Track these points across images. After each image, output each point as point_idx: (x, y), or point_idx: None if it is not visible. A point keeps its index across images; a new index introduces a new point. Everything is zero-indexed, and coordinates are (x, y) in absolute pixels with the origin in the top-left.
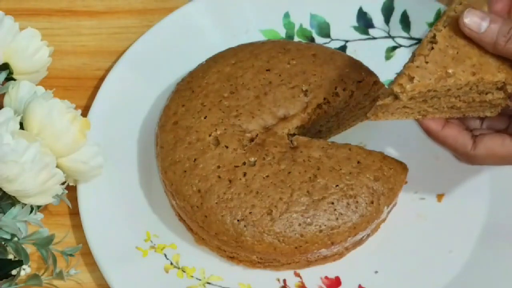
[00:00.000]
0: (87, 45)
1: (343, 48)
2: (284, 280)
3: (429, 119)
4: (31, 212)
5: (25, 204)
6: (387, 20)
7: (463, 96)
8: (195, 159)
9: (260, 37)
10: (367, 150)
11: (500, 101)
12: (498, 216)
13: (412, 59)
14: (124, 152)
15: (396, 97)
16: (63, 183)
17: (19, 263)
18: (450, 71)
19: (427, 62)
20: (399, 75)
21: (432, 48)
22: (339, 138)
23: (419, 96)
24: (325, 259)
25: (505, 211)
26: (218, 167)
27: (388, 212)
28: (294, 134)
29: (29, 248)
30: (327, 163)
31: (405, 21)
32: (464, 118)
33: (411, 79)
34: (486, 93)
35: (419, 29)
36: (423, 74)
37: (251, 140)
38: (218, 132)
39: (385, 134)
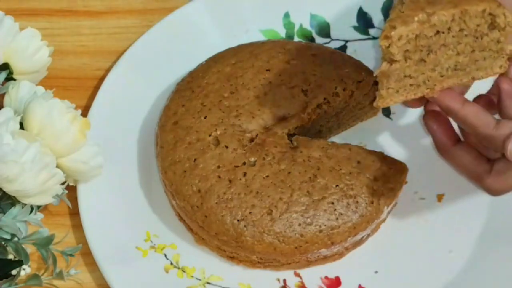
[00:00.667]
0: (87, 45)
1: (343, 48)
2: (284, 280)
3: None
4: (31, 212)
5: (25, 204)
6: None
7: (459, 45)
8: (195, 159)
9: (260, 37)
10: (367, 150)
11: (501, 45)
12: (498, 216)
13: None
14: (124, 152)
15: (391, 61)
16: (63, 183)
17: (19, 263)
18: (429, 11)
19: (402, 12)
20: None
21: (403, 2)
22: (339, 138)
23: (412, 49)
24: (325, 259)
25: (505, 211)
26: (218, 167)
27: (388, 212)
28: (294, 134)
29: (29, 248)
30: (327, 163)
31: None
32: (480, 147)
33: (393, 27)
34: (482, 37)
35: None
36: (404, 20)
37: (251, 140)
38: (218, 132)
39: (385, 134)
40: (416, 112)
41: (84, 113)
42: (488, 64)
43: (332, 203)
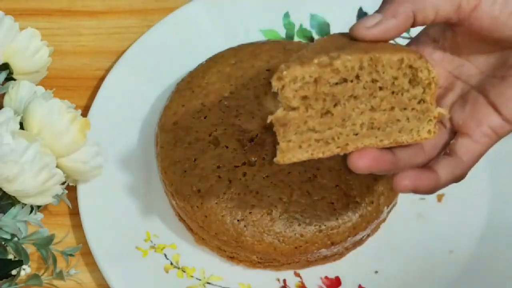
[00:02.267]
0: (87, 45)
1: None
2: (284, 280)
3: (366, 155)
4: (31, 212)
5: (25, 204)
6: None
7: (373, 99)
8: (195, 159)
9: (260, 37)
10: None
11: (426, 106)
12: (498, 216)
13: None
14: (124, 152)
15: (289, 108)
16: (63, 183)
17: (19, 263)
18: (333, 54)
19: (304, 55)
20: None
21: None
22: None
23: (312, 95)
24: (325, 259)
25: (505, 211)
26: (218, 167)
27: (388, 212)
28: None
29: (29, 248)
30: (326, 163)
31: None
32: None
33: (288, 67)
34: (402, 93)
35: (418, 29)
36: (301, 61)
37: (251, 140)
38: (218, 132)
39: None
40: None
41: (84, 113)
42: (413, 127)
43: (332, 203)
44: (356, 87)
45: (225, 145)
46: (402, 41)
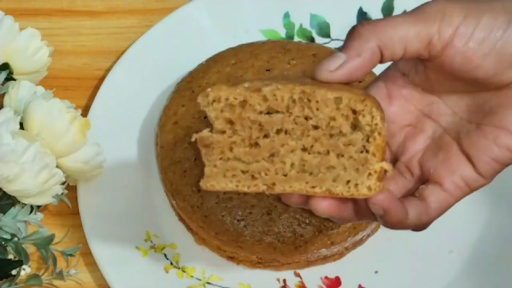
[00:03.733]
0: (87, 45)
1: None
2: (284, 280)
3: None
4: (31, 212)
5: (25, 204)
6: None
7: (304, 137)
8: (195, 159)
9: (260, 37)
10: None
11: (366, 157)
12: (498, 216)
13: None
14: (124, 152)
15: (217, 131)
16: (63, 183)
17: (19, 263)
18: (267, 82)
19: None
20: None
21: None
22: None
23: (236, 120)
24: (325, 259)
25: (505, 211)
26: None
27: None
28: None
29: (29, 248)
30: None
31: None
32: None
33: (220, 89)
34: (339, 137)
35: None
36: (232, 84)
37: None
38: None
39: None
40: None
41: (84, 113)
42: (351, 178)
43: None
44: (286, 120)
45: None
46: None
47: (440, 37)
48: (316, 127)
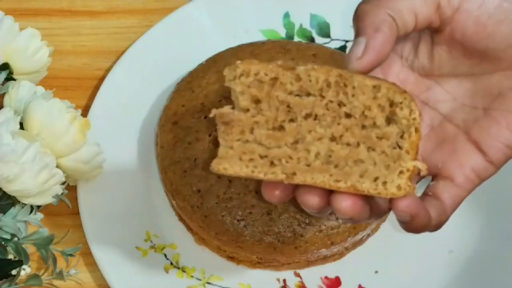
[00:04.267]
0: (87, 45)
1: (343, 48)
2: (284, 280)
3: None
4: (31, 212)
5: (25, 204)
6: None
7: (335, 125)
8: (195, 159)
9: (260, 37)
10: None
11: (399, 153)
12: (498, 216)
13: None
14: (124, 152)
15: (239, 108)
16: (63, 183)
17: (19, 263)
18: (301, 62)
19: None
20: None
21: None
22: None
23: (264, 98)
24: (325, 259)
25: (505, 211)
26: None
27: (389, 212)
28: None
29: (29, 248)
30: None
31: None
32: None
33: (251, 62)
34: (372, 128)
35: None
36: (264, 62)
37: None
38: None
39: None
40: None
41: (84, 113)
42: (380, 175)
43: None
44: (317, 104)
45: None
46: None
47: (449, 0)
48: (348, 116)
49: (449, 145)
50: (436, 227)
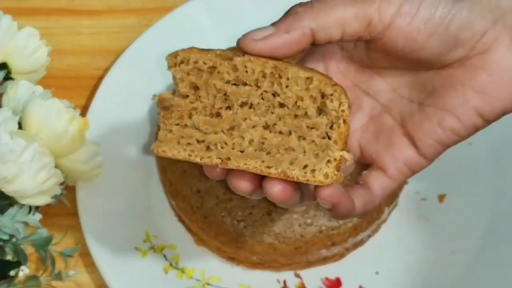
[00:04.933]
0: (86, 44)
1: None
2: (284, 281)
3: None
4: (29, 212)
5: (24, 205)
6: None
7: (268, 114)
8: None
9: None
10: None
11: (327, 143)
12: (500, 217)
13: None
14: (123, 152)
15: (178, 93)
16: (61, 184)
17: (17, 264)
18: (240, 53)
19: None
20: None
21: None
22: None
23: (202, 86)
24: (325, 259)
25: (507, 212)
26: None
27: (389, 213)
28: None
29: (28, 249)
30: None
31: None
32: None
33: (190, 51)
34: (303, 119)
35: None
36: (202, 50)
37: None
38: None
39: None
40: None
41: (83, 113)
42: (309, 163)
43: None
44: (252, 93)
45: None
46: None
47: (380, 17)
48: (282, 105)
49: (385, 137)
50: (362, 214)
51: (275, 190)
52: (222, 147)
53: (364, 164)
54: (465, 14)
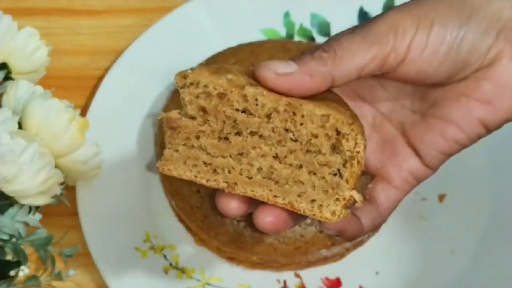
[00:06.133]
0: (86, 44)
1: None
2: (285, 281)
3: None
4: (29, 212)
5: (24, 205)
6: None
7: (280, 147)
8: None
9: (260, 36)
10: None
11: (338, 182)
12: (500, 217)
13: None
14: (123, 152)
15: (187, 115)
16: (61, 184)
17: (17, 264)
18: (253, 82)
19: (227, 68)
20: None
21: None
22: None
23: (211, 111)
24: (325, 260)
25: (507, 212)
26: None
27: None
28: None
29: (28, 249)
30: None
31: None
32: None
33: (201, 74)
34: (316, 155)
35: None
36: (216, 71)
37: None
38: None
39: None
40: None
41: (83, 113)
42: (317, 198)
43: None
44: (263, 125)
45: None
46: None
47: (396, 55)
48: (294, 140)
49: (389, 147)
50: (372, 231)
51: (265, 222)
52: (229, 172)
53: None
54: (471, 36)
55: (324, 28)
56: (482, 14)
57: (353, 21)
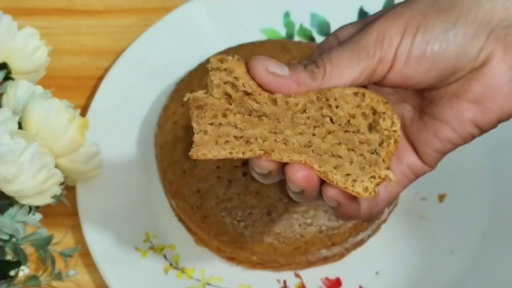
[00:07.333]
0: (86, 44)
1: None
2: (284, 281)
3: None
4: (29, 212)
5: (24, 205)
6: None
7: (317, 128)
8: (195, 159)
9: (260, 37)
10: None
11: (376, 159)
12: (500, 217)
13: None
14: (123, 152)
15: (212, 96)
16: (61, 184)
17: (17, 264)
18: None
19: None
20: None
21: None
22: None
23: (238, 99)
24: (325, 259)
25: (507, 212)
26: (218, 167)
27: (389, 213)
28: None
29: (28, 249)
30: None
31: None
32: None
33: (237, 59)
34: (356, 133)
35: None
36: (248, 74)
37: None
38: None
39: None
40: None
41: (83, 113)
42: (352, 173)
43: None
44: (297, 116)
45: None
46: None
47: (383, 66)
48: (332, 122)
49: None
50: (367, 217)
51: (298, 176)
52: (264, 141)
53: None
54: (459, 40)
55: (324, 28)
56: (472, 17)
57: (353, 21)
